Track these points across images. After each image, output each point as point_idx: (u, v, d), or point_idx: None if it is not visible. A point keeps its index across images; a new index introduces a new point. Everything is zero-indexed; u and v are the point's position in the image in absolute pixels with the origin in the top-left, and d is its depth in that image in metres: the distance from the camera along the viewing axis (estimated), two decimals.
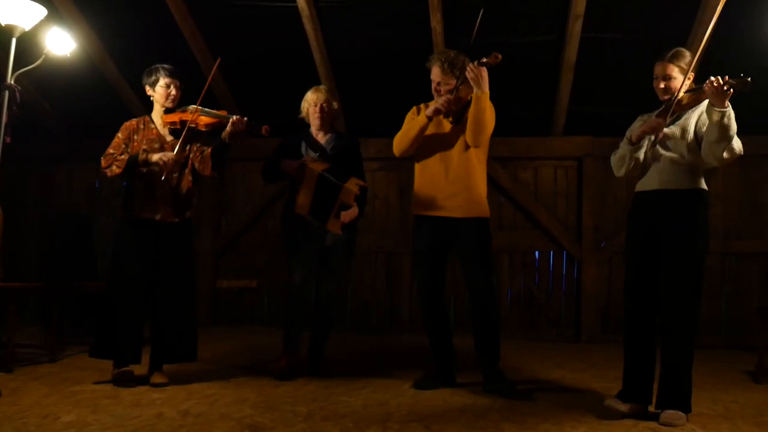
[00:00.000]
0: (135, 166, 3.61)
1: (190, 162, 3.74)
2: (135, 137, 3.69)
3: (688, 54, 3.08)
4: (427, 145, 3.60)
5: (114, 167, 3.61)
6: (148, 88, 3.72)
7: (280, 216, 4.17)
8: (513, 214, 6.01)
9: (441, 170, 3.58)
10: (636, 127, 3.18)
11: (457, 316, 5.69)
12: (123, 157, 3.61)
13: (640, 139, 3.09)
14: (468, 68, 3.38)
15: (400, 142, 3.64)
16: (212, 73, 3.77)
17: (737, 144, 2.92)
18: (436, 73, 3.57)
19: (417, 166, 3.69)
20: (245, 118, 3.62)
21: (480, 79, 3.36)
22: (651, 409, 3.07)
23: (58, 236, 5.37)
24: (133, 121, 3.76)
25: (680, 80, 3.03)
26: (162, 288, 3.65)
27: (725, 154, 2.91)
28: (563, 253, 5.93)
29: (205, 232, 6.24)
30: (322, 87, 4.14)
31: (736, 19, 4.73)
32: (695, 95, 2.99)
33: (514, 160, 5.98)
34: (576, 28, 4.91)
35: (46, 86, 5.83)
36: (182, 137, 3.59)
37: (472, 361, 3.77)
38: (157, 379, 3.59)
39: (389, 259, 6.11)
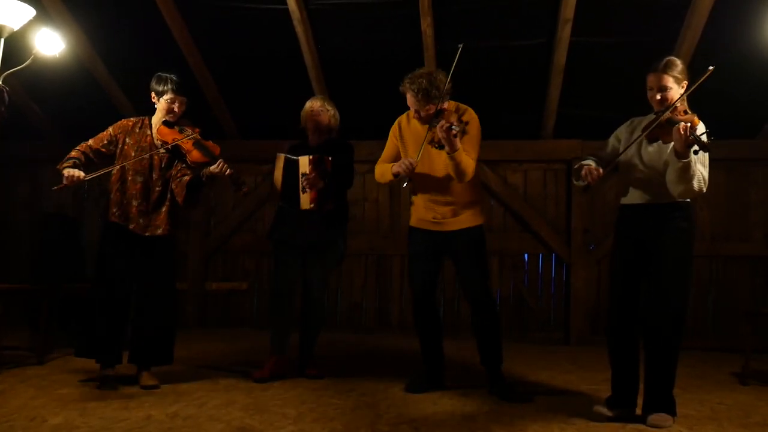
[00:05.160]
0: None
1: (171, 181, 3.69)
2: (127, 140, 3.67)
3: (679, 63, 3.06)
4: (419, 167, 3.56)
5: (64, 164, 3.50)
6: (153, 94, 3.68)
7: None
8: (502, 217, 6.04)
9: (434, 189, 3.59)
10: (620, 137, 3.22)
11: (446, 319, 5.70)
12: (77, 155, 3.53)
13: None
14: (438, 128, 3.32)
15: (379, 178, 3.75)
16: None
17: (697, 184, 2.89)
18: (411, 101, 3.50)
19: (414, 181, 3.64)
20: (230, 170, 3.51)
21: (452, 142, 3.32)
22: (638, 411, 3.08)
23: (46, 238, 5.33)
24: (130, 121, 3.74)
25: (676, 90, 3.01)
26: (141, 293, 3.64)
27: (680, 193, 2.93)
28: (552, 255, 5.95)
29: (195, 234, 6.22)
30: (319, 96, 4.28)
31: (723, 23, 4.78)
32: (670, 128, 2.90)
33: (503, 162, 6.00)
34: (565, 32, 4.93)
35: (35, 87, 5.79)
36: (164, 162, 3.64)
37: (461, 364, 3.78)
38: (147, 381, 3.58)
39: (379, 261, 6.12)
